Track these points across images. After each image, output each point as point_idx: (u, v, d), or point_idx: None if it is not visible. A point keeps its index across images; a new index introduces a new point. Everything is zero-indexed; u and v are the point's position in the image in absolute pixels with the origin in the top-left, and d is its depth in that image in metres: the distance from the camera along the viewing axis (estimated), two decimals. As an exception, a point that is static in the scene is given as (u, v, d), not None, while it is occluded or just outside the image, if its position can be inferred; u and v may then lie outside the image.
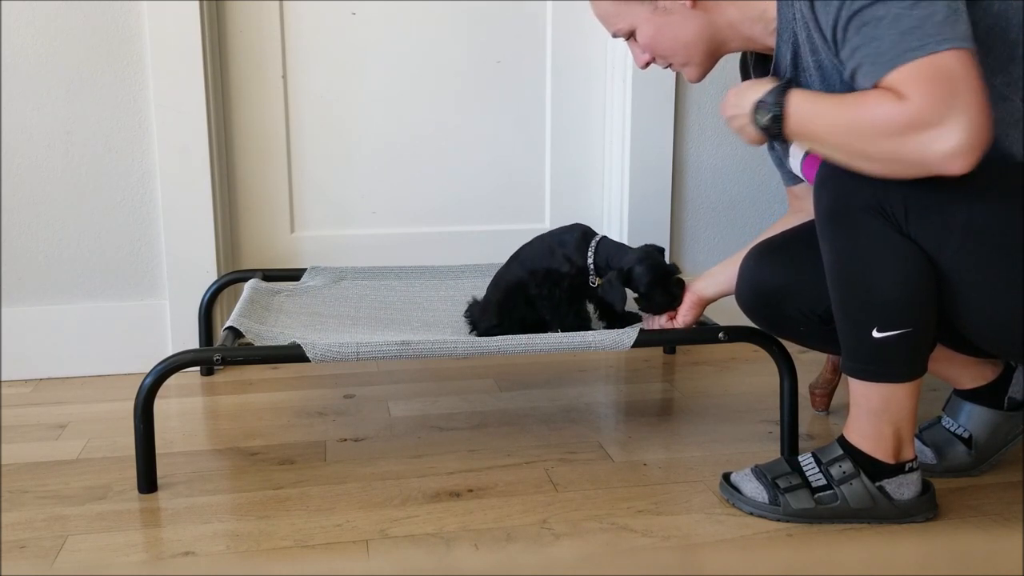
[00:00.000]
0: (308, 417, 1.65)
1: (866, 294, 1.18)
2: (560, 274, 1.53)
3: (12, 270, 1.82)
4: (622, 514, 1.29)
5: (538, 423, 1.63)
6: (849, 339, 1.22)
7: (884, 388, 1.21)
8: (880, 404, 1.22)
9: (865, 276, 1.17)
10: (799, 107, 1.12)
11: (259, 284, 1.77)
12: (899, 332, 1.17)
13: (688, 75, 1.31)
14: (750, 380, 1.86)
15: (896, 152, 1.04)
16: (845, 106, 1.08)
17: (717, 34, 1.25)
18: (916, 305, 1.16)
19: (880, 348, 1.19)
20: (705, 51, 1.26)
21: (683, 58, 1.28)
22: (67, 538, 1.22)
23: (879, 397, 1.22)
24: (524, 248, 1.61)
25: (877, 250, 1.15)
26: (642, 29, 1.27)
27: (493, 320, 1.56)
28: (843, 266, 1.19)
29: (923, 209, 1.11)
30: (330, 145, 2.02)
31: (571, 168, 2.13)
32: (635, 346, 1.44)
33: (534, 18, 2.06)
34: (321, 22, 1.97)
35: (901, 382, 1.20)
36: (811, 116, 1.12)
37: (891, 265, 1.15)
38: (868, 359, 1.21)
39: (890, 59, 1.03)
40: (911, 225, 1.12)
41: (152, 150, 1.84)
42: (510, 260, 1.63)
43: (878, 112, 1.04)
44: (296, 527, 1.25)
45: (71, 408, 1.70)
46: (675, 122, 2.06)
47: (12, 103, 1.76)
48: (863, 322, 1.18)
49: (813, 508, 1.26)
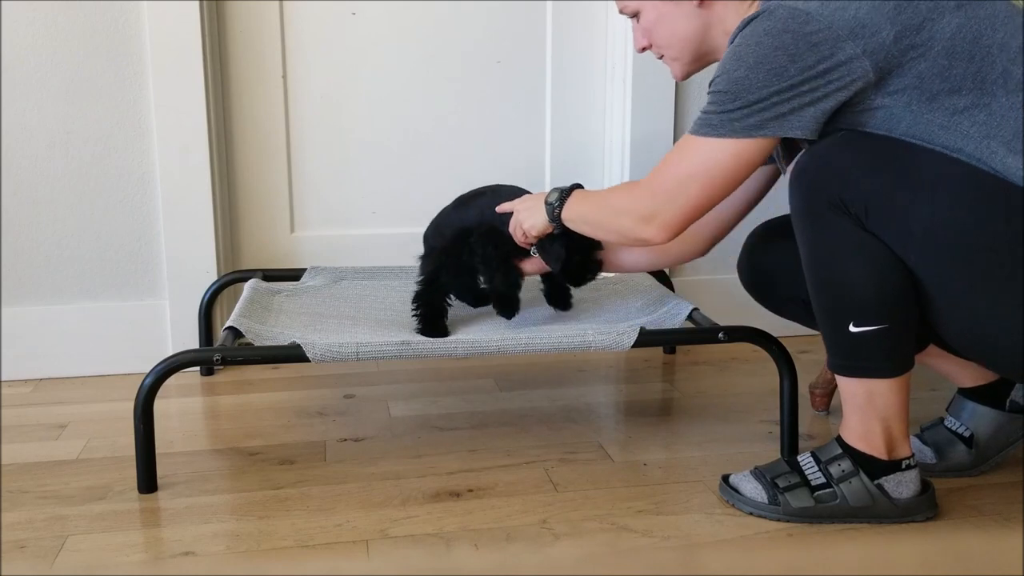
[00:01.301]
0: (308, 417, 1.65)
1: (839, 290, 1.19)
2: (500, 233, 1.50)
3: (12, 270, 1.82)
4: (622, 514, 1.30)
5: (538, 423, 1.63)
6: (829, 335, 1.24)
7: (868, 383, 1.22)
8: (865, 400, 1.23)
9: (837, 273, 1.19)
10: (578, 195, 1.37)
11: (259, 284, 1.77)
12: (875, 328, 1.18)
13: (674, 71, 1.35)
14: (750, 380, 1.86)
15: (612, 227, 1.30)
16: (605, 192, 1.35)
17: (712, 40, 1.28)
18: (890, 301, 1.17)
19: (858, 343, 1.20)
20: (695, 52, 1.30)
21: (675, 52, 1.31)
22: (67, 538, 1.22)
23: (864, 393, 1.23)
24: (475, 197, 1.59)
25: (846, 247, 1.17)
26: (647, 13, 1.30)
27: (430, 266, 1.58)
28: (816, 263, 1.21)
29: (883, 210, 1.13)
30: (330, 145, 2.02)
31: (571, 168, 2.13)
32: (635, 346, 1.44)
33: (534, 18, 2.06)
34: (321, 22, 1.97)
35: (883, 377, 1.21)
36: (583, 200, 1.35)
37: (861, 262, 1.16)
38: (848, 354, 1.22)
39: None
40: (871, 225, 1.14)
41: (152, 150, 1.84)
42: (459, 204, 1.61)
43: (618, 198, 1.31)
44: (296, 527, 1.25)
45: (71, 408, 1.70)
46: (675, 122, 2.06)
47: (12, 103, 1.76)
48: (839, 318, 1.20)
49: (813, 507, 1.26)
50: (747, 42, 1.12)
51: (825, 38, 1.08)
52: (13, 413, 1.68)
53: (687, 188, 1.19)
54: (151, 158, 1.84)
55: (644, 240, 1.25)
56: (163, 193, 1.84)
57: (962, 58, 1.10)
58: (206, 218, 1.86)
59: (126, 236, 1.86)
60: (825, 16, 1.09)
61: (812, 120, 1.12)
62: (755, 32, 1.12)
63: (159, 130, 1.82)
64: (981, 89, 1.10)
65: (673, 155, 1.22)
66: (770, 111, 1.12)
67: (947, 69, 1.09)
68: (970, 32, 1.10)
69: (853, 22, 1.09)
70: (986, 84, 1.10)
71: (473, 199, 1.59)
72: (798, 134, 1.13)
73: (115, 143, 1.82)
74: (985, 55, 1.10)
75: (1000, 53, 1.10)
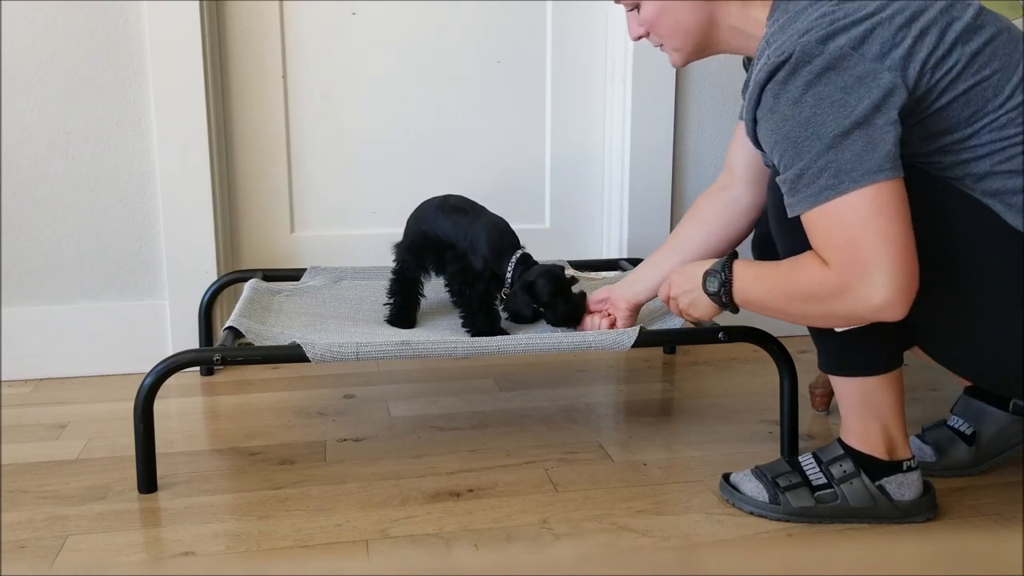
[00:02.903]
0: (308, 417, 1.65)
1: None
2: (476, 274, 1.55)
3: (12, 270, 1.82)
4: (622, 514, 1.29)
5: (538, 423, 1.63)
6: (815, 336, 1.25)
7: (860, 382, 1.23)
8: (860, 398, 1.23)
9: None
10: (743, 273, 1.19)
11: (259, 284, 1.77)
12: (860, 326, 1.18)
13: (673, 59, 1.32)
14: (750, 380, 1.86)
15: (832, 314, 1.11)
16: (781, 274, 1.16)
17: (715, 33, 1.26)
18: None
19: (844, 343, 1.21)
20: (697, 44, 1.28)
21: (677, 43, 1.29)
22: (67, 538, 1.22)
23: (857, 391, 1.23)
24: (457, 211, 1.61)
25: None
26: (647, 5, 1.27)
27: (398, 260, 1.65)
28: None
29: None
30: (330, 145, 2.02)
31: (571, 168, 2.13)
32: (635, 346, 1.44)
33: (534, 18, 2.06)
34: (321, 22, 1.97)
35: (872, 375, 1.22)
36: (753, 282, 1.19)
37: None
38: (836, 354, 1.23)
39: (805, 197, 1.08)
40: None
41: (152, 150, 1.84)
42: (442, 208, 1.62)
43: (809, 280, 1.10)
44: (296, 527, 1.25)
45: (71, 408, 1.70)
46: (675, 122, 2.06)
47: (12, 103, 1.76)
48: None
49: (813, 507, 1.26)
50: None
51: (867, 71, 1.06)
52: (13, 413, 1.68)
53: (868, 253, 1.05)
54: (151, 158, 1.84)
55: (884, 313, 1.06)
56: (163, 193, 1.84)
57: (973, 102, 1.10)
58: (206, 218, 1.86)
59: (126, 236, 1.86)
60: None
61: (895, 142, 1.06)
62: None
63: (159, 130, 1.82)
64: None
65: (822, 232, 1.07)
66: (867, 150, 1.05)
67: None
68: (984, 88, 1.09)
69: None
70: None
71: (455, 212, 1.61)
72: (894, 166, 1.06)
73: (115, 143, 1.82)
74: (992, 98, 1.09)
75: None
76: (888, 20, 1.07)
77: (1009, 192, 1.09)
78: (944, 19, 1.08)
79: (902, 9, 1.08)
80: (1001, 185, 1.09)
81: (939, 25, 1.07)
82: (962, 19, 1.08)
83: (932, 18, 1.07)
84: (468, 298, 1.56)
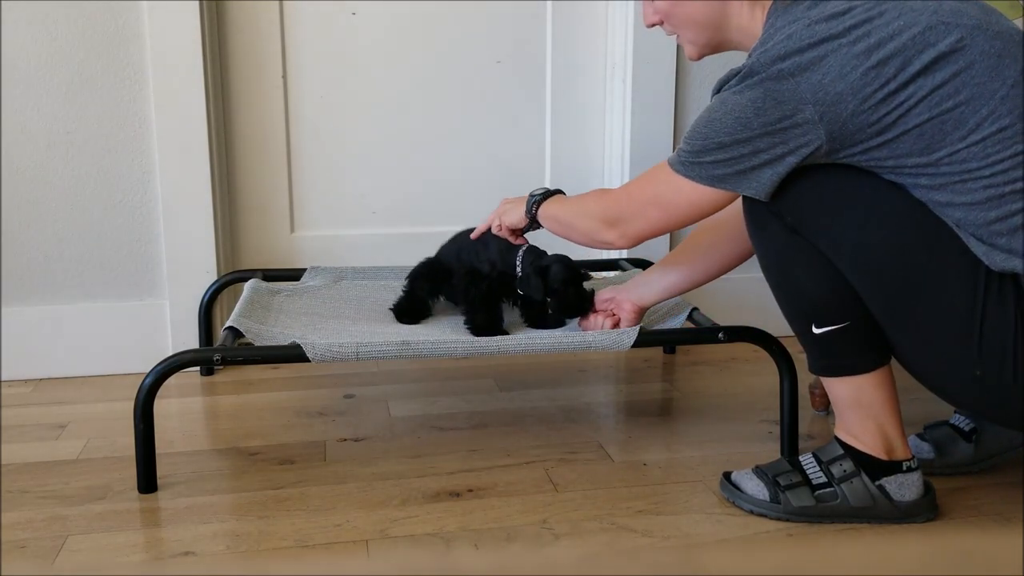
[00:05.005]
0: (308, 417, 1.65)
1: (793, 295, 1.22)
2: (482, 275, 1.58)
3: (12, 270, 1.82)
4: (622, 514, 1.29)
5: (538, 423, 1.63)
6: (800, 338, 1.25)
7: (849, 382, 1.23)
8: (852, 398, 1.24)
9: (789, 277, 1.21)
10: (555, 199, 1.41)
11: (259, 284, 1.77)
12: (838, 327, 1.19)
13: (687, 51, 1.33)
14: (750, 380, 1.86)
15: (580, 229, 1.35)
16: (577, 198, 1.38)
17: (725, 30, 1.26)
18: (847, 300, 1.18)
19: (827, 343, 1.21)
20: (709, 38, 1.28)
21: (690, 35, 1.29)
22: (67, 538, 1.22)
23: (848, 391, 1.24)
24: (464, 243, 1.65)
25: (792, 252, 1.19)
26: None
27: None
28: (768, 269, 1.24)
29: (810, 227, 1.16)
30: (330, 145, 2.02)
31: (571, 168, 2.13)
32: (635, 346, 1.44)
33: (534, 18, 2.06)
34: (321, 22, 1.97)
35: (858, 374, 1.22)
36: (556, 203, 1.40)
37: (808, 265, 1.18)
38: (821, 355, 1.24)
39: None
40: (806, 235, 1.17)
41: (152, 150, 1.84)
42: (478, 242, 1.64)
43: (593, 204, 1.35)
44: (296, 527, 1.25)
45: (71, 408, 1.70)
46: (675, 122, 2.06)
47: (12, 103, 1.76)
48: (801, 321, 1.22)
49: (814, 506, 1.26)
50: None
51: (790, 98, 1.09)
52: (13, 413, 1.68)
53: (648, 211, 1.25)
54: (151, 158, 1.84)
55: (607, 243, 1.31)
56: (163, 193, 1.84)
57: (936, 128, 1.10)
58: (206, 218, 1.86)
59: (126, 236, 1.86)
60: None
61: (768, 182, 1.14)
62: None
63: (159, 130, 1.81)
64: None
65: (646, 176, 1.27)
66: (731, 166, 1.14)
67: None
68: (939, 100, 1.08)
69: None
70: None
71: (485, 248, 1.61)
72: (751, 193, 1.16)
73: (115, 143, 1.82)
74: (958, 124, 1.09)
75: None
76: (850, 45, 1.06)
77: (972, 224, 1.08)
78: (915, 47, 1.05)
79: (877, 30, 1.07)
80: (962, 216, 1.09)
81: (904, 55, 1.05)
82: (936, 46, 1.05)
83: (901, 45, 1.05)
84: (472, 296, 1.56)
